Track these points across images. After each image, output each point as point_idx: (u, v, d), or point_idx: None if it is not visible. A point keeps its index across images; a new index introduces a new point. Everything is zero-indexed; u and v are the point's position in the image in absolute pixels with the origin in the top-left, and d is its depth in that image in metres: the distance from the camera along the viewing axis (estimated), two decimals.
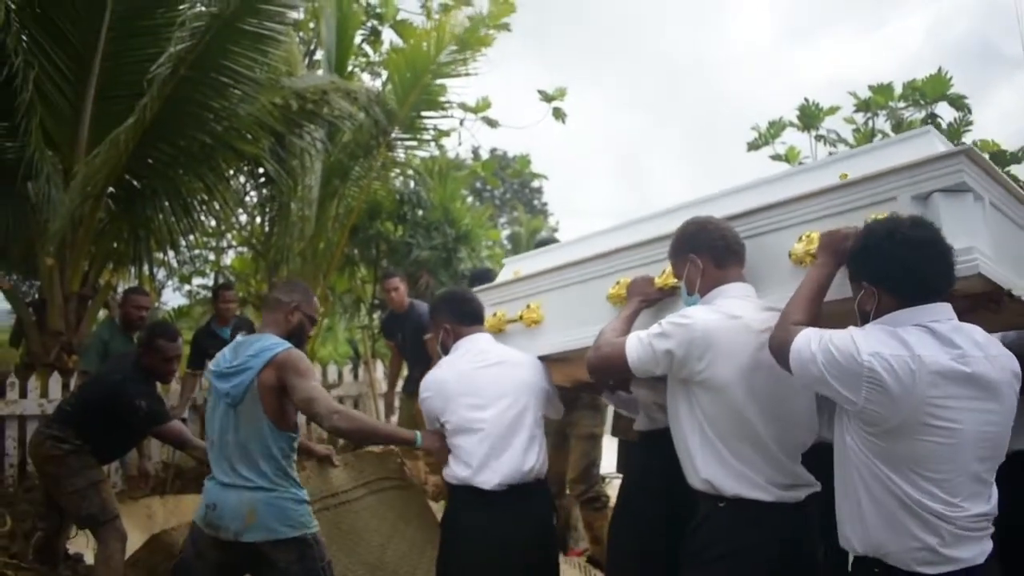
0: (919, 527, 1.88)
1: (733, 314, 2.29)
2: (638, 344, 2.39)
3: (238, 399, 2.82)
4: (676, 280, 2.58)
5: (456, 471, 2.81)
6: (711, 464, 2.28)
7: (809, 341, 2.01)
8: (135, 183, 6.24)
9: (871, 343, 1.92)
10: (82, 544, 4.41)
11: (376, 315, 8.52)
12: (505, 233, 19.00)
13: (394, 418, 6.93)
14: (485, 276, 5.22)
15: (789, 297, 2.21)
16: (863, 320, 2.05)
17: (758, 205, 2.50)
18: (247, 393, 2.81)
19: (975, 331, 1.97)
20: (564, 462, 4.70)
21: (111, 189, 6.03)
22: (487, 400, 2.83)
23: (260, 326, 3.08)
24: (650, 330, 2.38)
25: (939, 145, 2.27)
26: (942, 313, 1.96)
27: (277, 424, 2.83)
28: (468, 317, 3.03)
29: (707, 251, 2.41)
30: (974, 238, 2.05)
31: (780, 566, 2.22)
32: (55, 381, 5.54)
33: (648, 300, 2.66)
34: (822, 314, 2.15)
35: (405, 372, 6.53)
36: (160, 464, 5.72)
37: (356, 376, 7.75)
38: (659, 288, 2.68)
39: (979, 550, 1.91)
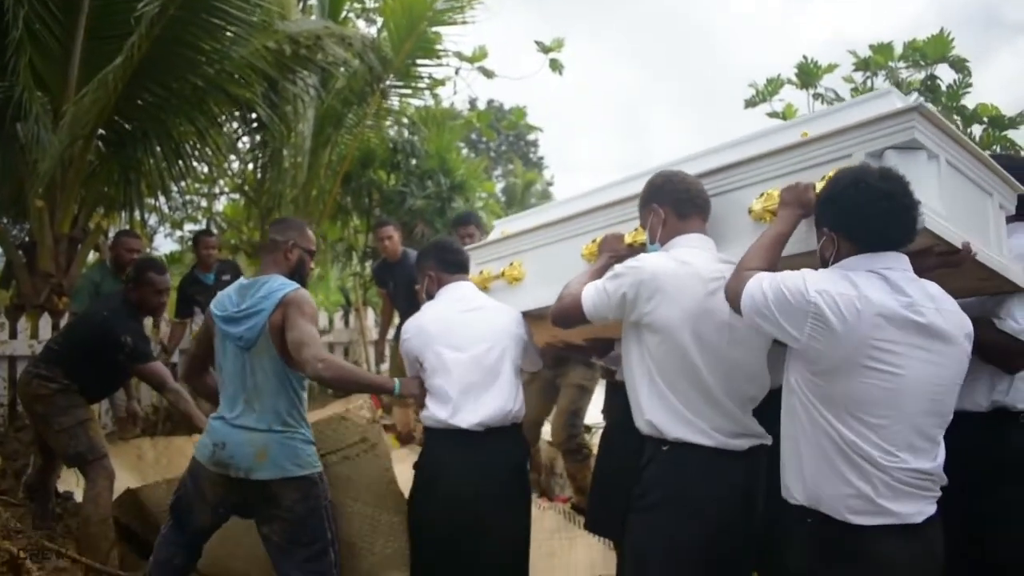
0: (852, 472, 1.90)
1: (684, 261, 2.35)
2: (593, 292, 2.46)
3: (251, 342, 2.87)
4: (644, 233, 2.61)
5: (434, 412, 2.88)
6: (656, 407, 2.34)
7: (761, 282, 2.05)
8: (126, 125, 6.17)
9: (820, 282, 1.95)
10: (72, 483, 4.46)
11: (368, 264, 8.52)
12: (500, 186, 18.90)
13: (385, 366, 6.98)
14: (468, 219, 5.30)
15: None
16: (823, 266, 2.07)
17: (720, 164, 2.54)
18: (260, 336, 2.85)
19: (929, 285, 2.00)
20: (545, 411, 4.81)
21: (101, 131, 5.96)
22: (466, 342, 2.90)
23: (262, 268, 3.10)
24: (604, 276, 2.45)
25: (899, 105, 2.26)
26: (897, 263, 1.98)
27: (289, 363, 2.87)
28: (452, 266, 3.10)
29: (669, 202, 2.47)
30: (924, 195, 2.05)
31: (722, 513, 2.27)
32: (45, 322, 5.55)
33: (618, 256, 2.69)
34: (789, 267, 2.15)
35: (396, 321, 6.55)
36: (150, 407, 5.76)
37: (347, 324, 7.77)
38: (629, 245, 2.71)
39: (916, 508, 1.91)
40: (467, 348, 2.89)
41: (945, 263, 2.12)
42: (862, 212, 1.97)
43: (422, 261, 3.20)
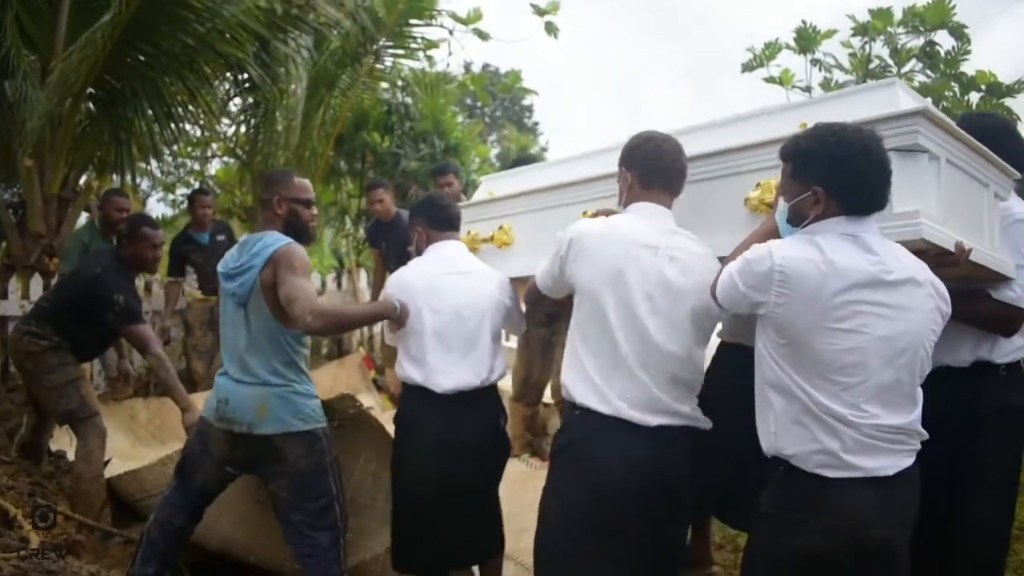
0: (822, 431, 1.91)
1: (616, 225, 2.33)
2: (543, 267, 2.49)
3: (244, 298, 2.89)
4: None
5: (409, 371, 2.91)
6: (571, 370, 2.36)
7: (729, 268, 2.06)
8: (115, 84, 6.08)
9: (784, 248, 1.96)
10: (65, 443, 4.47)
11: (361, 226, 8.49)
12: (495, 151, 18.79)
13: (377, 328, 6.98)
14: (446, 168, 5.27)
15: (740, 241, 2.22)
16: (799, 222, 2.05)
17: (717, 149, 2.48)
18: (252, 292, 2.87)
19: (900, 249, 2.00)
20: (547, 370, 4.75)
21: (91, 90, 5.88)
22: (447, 307, 2.90)
23: (259, 227, 3.09)
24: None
25: (903, 98, 2.24)
26: (870, 227, 2.00)
27: (282, 320, 2.88)
28: (441, 223, 3.08)
29: (637, 168, 2.43)
30: (922, 201, 2.07)
31: (613, 481, 2.23)
32: (36, 283, 5.51)
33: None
34: None
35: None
36: (144, 367, 5.75)
37: (340, 286, 7.76)
38: None
39: (888, 462, 1.92)
40: (447, 313, 2.89)
41: (940, 263, 2.11)
42: (870, 181, 1.96)
43: (412, 218, 3.19)
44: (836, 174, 1.97)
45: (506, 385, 4.21)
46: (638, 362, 2.26)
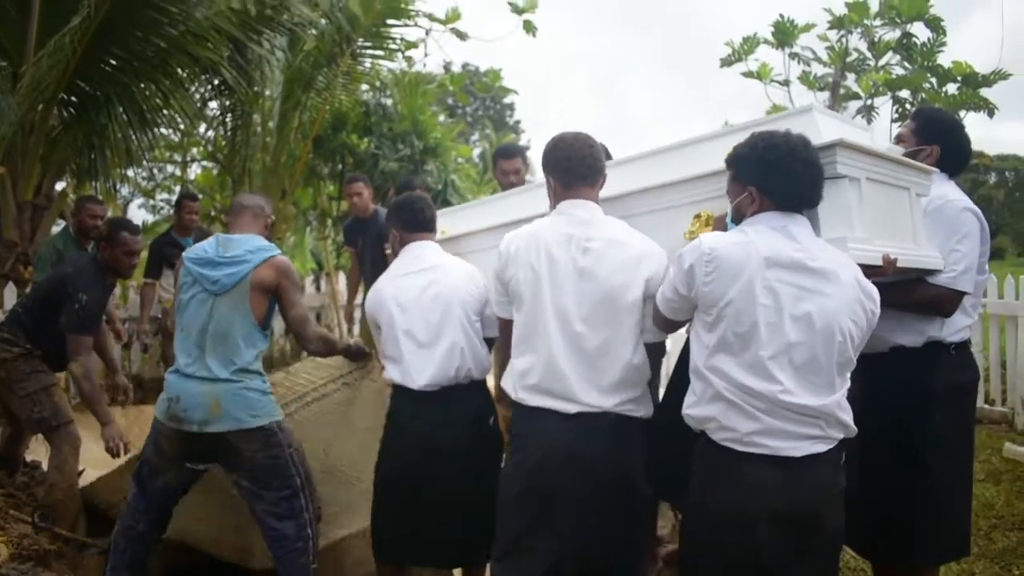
0: (737, 414, 2.05)
1: (535, 228, 2.46)
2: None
3: (226, 287, 2.88)
4: None
5: (390, 371, 2.95)
6: (507, 371, 2.50)
7: (661, 286, 2.25)
8: (88, 89, 6.03)
9: (713, 238, 2.13)
10: (40, 453, 4.41)
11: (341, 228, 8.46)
12: (476, 151, 18.76)
13: (356, 328, 6.94)
14: (409, 185, 5.18)
15: None
16: (739, 221, 2.22)
17: (652, 184, 2.59)
18: (239, 284, 2.87)
19: (830, 247, 2.15)
20: None
21: (63, 96, 5.82)
22: (414, 303, 2.91)
23: (237, 228, 3.09)
24: None
25: (821, 123, 2.36)
26: (801, 222, 2.15)
27: (258, 320, 2.91)
28: (412, 224, 3.08)
29: (554, 172, 2.53)
30: (848, 225, 2.22)
31: (538, 462, 2.35)
32: (10, 292, 5.44)
33: None
34: None
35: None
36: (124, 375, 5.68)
37: (318, 288, 7.72)
38: None
39: (795, 444, 2.04)
40: (414, 308, 2.90)
41: (870, 275, 2.21)
42: (797, 178, 2.13)
43: (387, 220, 3.21)
44: (766, 174, 2.14)
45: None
46: (561, 353, 2.35)
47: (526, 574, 2.36)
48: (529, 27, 8.32)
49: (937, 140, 2.80)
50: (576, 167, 2.47)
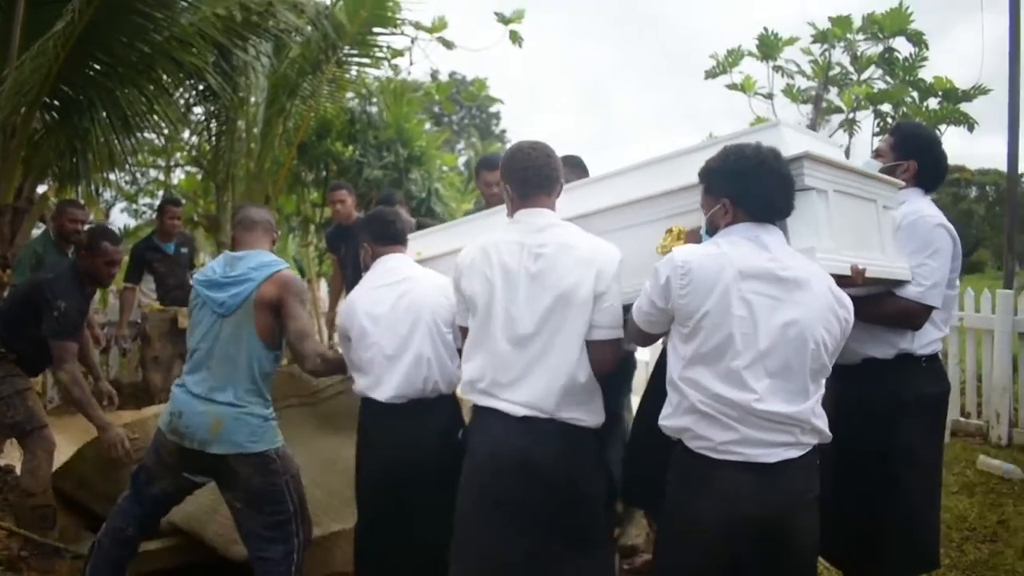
0: (711, 424, 2.08)
1: (489, 240, 2.48)
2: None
3: (232, 308, 2.87)
4: None
5: (358, 383, 2.95)
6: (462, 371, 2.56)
7: (637, 302, 2.26)
8: (71, 93, 6.00)
9: (686, 251, 2.17)
10: (14, 457, 4.38)
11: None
12: (462, 160, 18.79)
13: (336, 336, 6.92)
14: (389, 199, 5.23)
15: None
16: (713, 233, 2.26)
17: (623, 201, 2.62)
18: (243, 304, 2.87)
19: (802, 257, 2.17)
20: None
21: (46, 99, 5.79)
22: (383, 315, 2.91)
23: (246, 244, 3.08)
24: None
25: (788, 138, 2.39)
26: (773, 232, 2.19)
27: (264, 340, 2.89)
28: (383, 237, 3.10)
29: (511, 181, 2.54)
30: (816, 236, 2.27)
31: (495, 471, 2.37)
32: None
33: None
34: None
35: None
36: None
37: None
38: None
39: (770, 451, 2.06)
40: (383, 320, 2.90)
41: (840, 285, 2.24)
42: (768, 189, 2.18)
43: (360, 233, 3.22)
44: (737, 185, 2.19)
45: None
46: (507, 355, 2.38)
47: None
48: (515, 37, 8.34)
49: (915, 156, 2.84)
50: (532, 177, 2.48)
